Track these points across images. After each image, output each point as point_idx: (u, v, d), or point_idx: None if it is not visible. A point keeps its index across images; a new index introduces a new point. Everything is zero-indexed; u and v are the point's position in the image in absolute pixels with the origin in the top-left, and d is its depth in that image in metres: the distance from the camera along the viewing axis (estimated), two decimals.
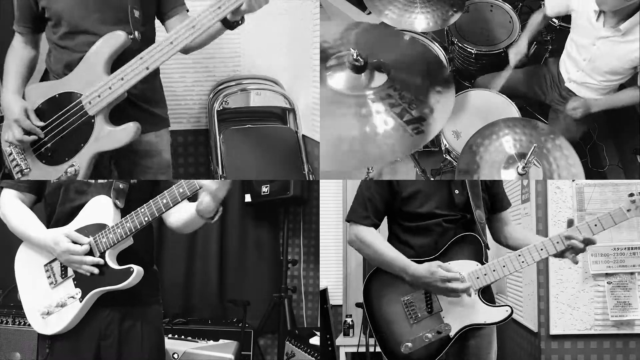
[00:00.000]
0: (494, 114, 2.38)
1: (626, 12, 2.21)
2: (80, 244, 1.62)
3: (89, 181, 1.76)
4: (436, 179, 2.87)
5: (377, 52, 2.05)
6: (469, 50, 2.88)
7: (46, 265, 1.70)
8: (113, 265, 1.63)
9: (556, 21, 2.97)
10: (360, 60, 1.91)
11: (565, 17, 2.85)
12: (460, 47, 2.92)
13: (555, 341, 2.46)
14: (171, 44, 1.73)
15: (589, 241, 1.66)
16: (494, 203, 1.91)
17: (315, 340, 2.90)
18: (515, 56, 2.63)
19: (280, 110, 2.94)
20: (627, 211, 1.66)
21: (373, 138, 1.79)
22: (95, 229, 1.64)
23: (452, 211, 1.75)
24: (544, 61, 2.94)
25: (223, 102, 2.83)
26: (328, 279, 3.80)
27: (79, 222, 1.68)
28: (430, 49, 2.44)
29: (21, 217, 1.72)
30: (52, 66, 1.96)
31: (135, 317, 1.72)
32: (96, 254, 1.63)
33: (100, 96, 1.77)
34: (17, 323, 2.76)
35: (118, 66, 1.79)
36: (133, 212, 1.62)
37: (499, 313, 1.69)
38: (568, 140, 2.14)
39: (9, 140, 1.89)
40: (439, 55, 2.68)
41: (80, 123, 1.82)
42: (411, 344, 1.68)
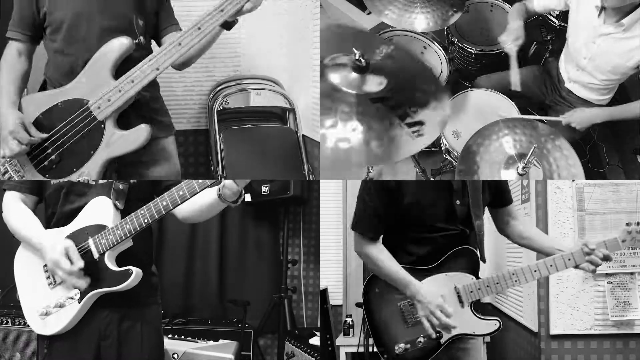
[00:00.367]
0: (494, 114, 2.38)
1: (627, 9, 2.21)
2: (72, 262, 1.59)
3: (89, 183, 1.75)
4: (437, 179, 2.87)
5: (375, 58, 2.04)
6: (469, 50, 2.88)
7: (45, 266, 1.69)
8: (112, 266, 1.63)
9: (556, 21, 2.97)
10: (362, 61, 1.91)
11: (564, 17, 2.85)
12: (460, 47, 2.92)
13: (555, 341, 2.46)
14: (179, 45, 1.73)
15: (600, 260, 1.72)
16: (500, 197, 1.91)
17: (315, 340, 2.91)
18: (515, 42, 2.46)
19: (280, 110, 2.94)
20: (622, 242, 1.71)
21: (376, 138, 1.79)
22: (94, 230, 1.64)
23: (452, 225, 1.77)
24: (544, 61, 2.94)
25: (223, 102, 2.83)
26: (328, 279, 3.80)
27: (79, 223, 1.68)
28: (424, 64, 2.41)
29: (21, 219, 1.72)
30: (52, 75, 1.92)
31: (134, 318, 1.72)
32: (95, 255, 1.63)
33: (110, 100, 1.75)
34: (17, 323, 2.76)
35: (120, 72, 1.78)
36: (133, 214, 1.62)
37: (488, 326, 1.77)
38: (568, 140, 2.14)
39: (7, 155, 1.76)
40: (433, 64, 2.68)
41: (88, 130, 1.77)
42: (404, 345, 1.76)
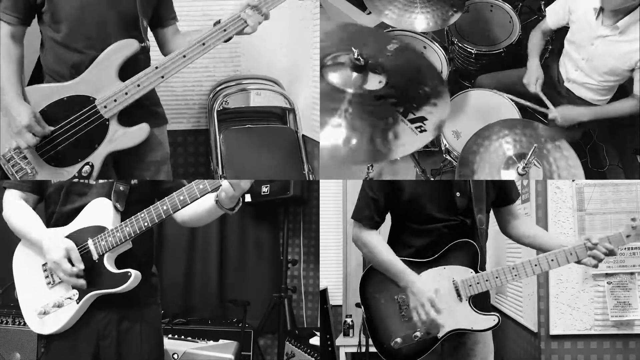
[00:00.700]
0: (494, 114, 2.38)
1: (625, 11, 2.21)
2: (73, 264, 1.60)
3: (90, 183, 1.76)
4: (437, 179, 2.87)
5: (376, 56, 2.05)
6: (469, 50, 2.88)
7: (44, 265, 1.69)
8: (111, 268, 1.63)
9: None
10: (360, 60, 1.91)
11: None
12: (460, 47, 2.92)
13: (555, 341, 2.46)
14: (184, 57, 1.90)
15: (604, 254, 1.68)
16: (503, 196, 1.90)
17: (315, 340, 2.91)
18: (538, 83, 2.50)
19: (280, 110, 2.94)
20: (627, 237, 1.68)
21: (381, 135, 1.79)
22: (94, 232, 1.64)
23: (453, 216, 1.76)
24: (544, 61, 2.94)
25: (223, 102, 2.83)
26: (328, 279, 3.80)
27: (79, 224, 1.68)
28: (425, 58, 2.42)
29: (22, 217, 1.72)
30: (52, 65, 1.93)
31: (133, 318, 1.72)
32: (94, 256, 1.63)
33: (116, 100, 1.86)
34: (17, 323, 2.76)
35: (123, 72, 1.87)
36: (133, 217, 1.62)
37: (487, 321, 1.73)
38: (568, 140, 2.14)
39: (22, 147, 1.84)
40: (434, 63, 2.68)
41: (94, 126, 1.88)
42: (401, 340, 1.73)
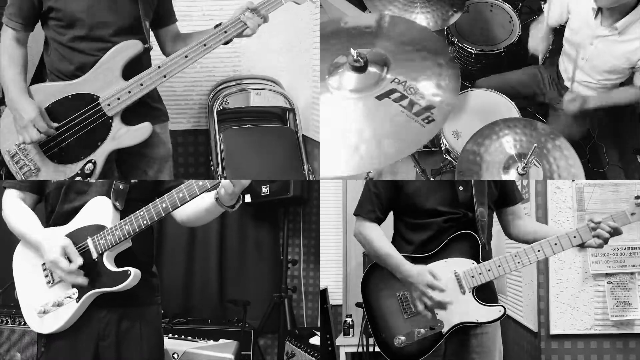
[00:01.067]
0: (494, 114, 2.38)
1: (623, 11, 2.21)
2: (71, 260, 1.60)
3: (90, 181, 1.77)
4: (437, 179, 2.87)
5: (375, 42, 2.04)
6: (469, 50, 2.88)
7: (44, 264, 1.69)
8: (111, 267, 1.62)
9: None
10: (360, 60, 1.90)
11: None
12: (460, 47, 2.92)
13: (555, 341, 2.46)
14: (185, 57, 1.94)
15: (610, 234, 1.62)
16: (505, 197, 1.89)
17: (315, 340, 2.91)
18: (543, 46, 2.56)
19: (280, 110, 2.94)
20: (631, 214, 1.61)
21: (388, 135, 1.79)
22: (93, 230, 1.64)
23: (455, 209, 1.75)
24: (544, 61, 2.94)
25: (223, 102, 2.83)
26: (328, 279, 3.80)
27: (78, 223, 1.67)
28: (428, 29, 2.41)
29: (20, 217, 1.72)
30: (57, 65, 1.96)
31: (133, 318, 1.72)
32: (94, 255, 1.63)
33: (120, 99, 1.91)
34: (17, 323, 2.76)
35: (126, 72, 1.91)
36: (132, 215, 1.62)
37: (492, 312, 1.69)
38: (568, 140, 2.14)
39: (26, 142, 1.88)
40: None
41: (97, 123, 1.92)
42: (404, 338, 1.70)
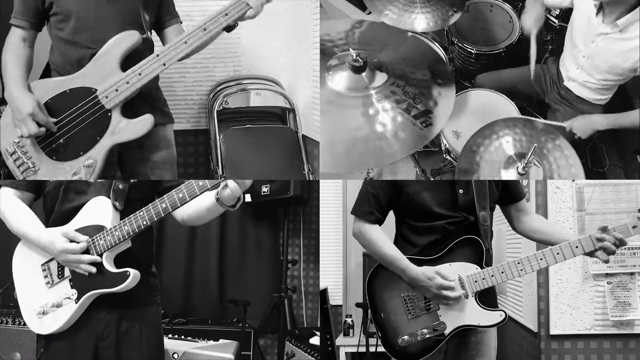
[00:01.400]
0: (494, 114, 2.38)
1: (625, 8, 2.21)
2: (77, 242, 1.61)
3: (89, 181, 1.76)
4: (436, 179, 2.87)
5: (378, 50, 2.06)
6: (469, 50, 2.88)
7: (43, 264, 1.69)
8: (110, 268, 1.62)
9: (556, 21, 2.96)
10: (359, 60, 1.91)
11: (564, 17, 2.84)
12: (460, 47, 2.92)
13: (555, 341, 2.46)
14: (185, 43, 1.86)
15: (615, 245, 1.64)
16: (509, 193, 1.90)
17: (315, 340, 2.91)
18: (535, 23, 2.41)
19: (280, 110, 2.94)
20: (633, 227, 1.63)
21: (384, 136, 1.80)
22: (93, 231, 1.64)
23: (455, 212, 1.76)
24: (544, 61, 2.94)
25: (223, 102, 2.83)
26: (328, 279, 3.80)
27: (77, 223, 1.67)
28: (430, 46, 2.45)
29: (19, 216, 1.72)
30: (58, 61, 1.96)
31: (133, 319, 1.72)
32: (93, 256, 1.63)
33: (118, 90, 1.85)
34: (17, 323, 2.76)
35: (125, 64, 1.87)
36: (132, 216, 1.62)
37: (493, 317, 1.72)
38: (568, 140, 2.14)
39: (24, 135, 1.85)
40: (439, 52, 2.69)
41: (96, 117, 1.87)
42: (407, 338, 1.73)
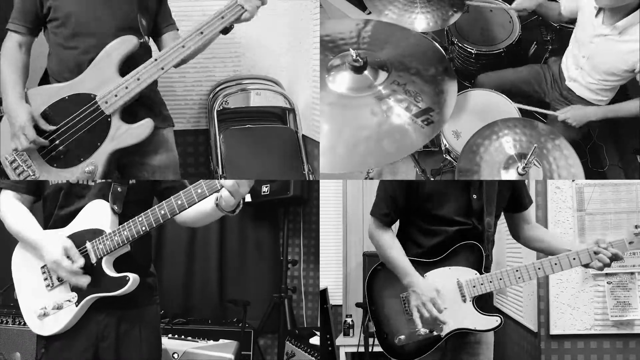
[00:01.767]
0: (494, 114, 2.38)
1: (624, 11, 2.21)
2: (73, 260, 1.60)
3: (89, 184, 1.75)
4: (436, 179, 2.87)
5: (379, 48, 2.06)
6: (469, 50, 2.88)
7: (43, 267, 1.69)
8: (109, 272, 1.63)
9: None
10: (359, 60, 1.91)
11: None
12: (460, 47, 2.92)
13: (555, 341, 2.46)
14: (183, 47, 1.87)
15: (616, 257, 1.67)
16: (515, 202, 1.90)
17: (315, 340, 2.91)
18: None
19: (280, 110, 2.94)
20: (629, 243, 1.67)
21: (387, 136, 1.80)
22: (92, 235, 1.64)
23: (467, 219, 1.77)
24: (545, 60, 2.94)
25: (223, 102, 2.83)
26: (328, 279, 3.80)
27: (76, 226, 1.67)
28: (431, 42, 2.45)
29: (18, 218, 1.72)
30: (56, 68, 1.95)
31: (132, 320, 1.72)
32: (93, 259, 1.63)
33: (117, 95, 1.85)
34: (18, 323, 2.76)
35: (123, 69, 1.88)
36: (131, 221, 1.62)
37: (490, 322, 1.75)
38: (568, 140, 2.14)
39: (18, 149, 1.85)
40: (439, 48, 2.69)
41: (95, 123, 1.87)
42: (404, 337, 1.74)
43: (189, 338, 2.88)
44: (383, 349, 1.80)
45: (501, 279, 1.73)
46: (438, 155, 2.84)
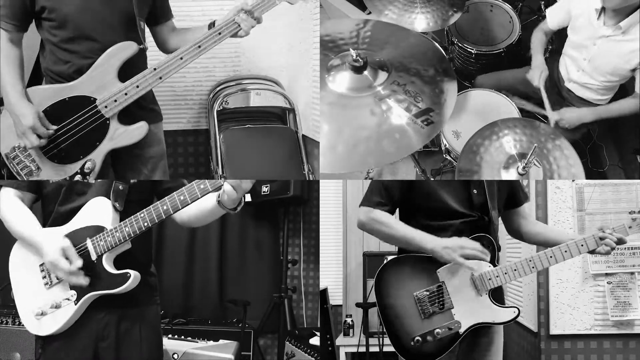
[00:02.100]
0: (494, 114, 2.38)
1: (626, 11, 2.21)
2: (70, 261, 1.59)
3: (89, 182, 1.76)
4: (436, 179, 2.87)
5: (379, 48, 2.06)
6: (469, 50, 2.88)
7: (41, 265, 1.68)
8: (110, 269, 1.62)
9: None
10: (359, 60, 1.91)
11: None
12: (460, 47, 2.92)
13: (555, 341, 2.46)
14: (181, 59, 1.96)
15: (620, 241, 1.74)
16: (512, 198, 1.91)
17: (315, 340, 2.91)
18: (541, 75, 2.47)
19: (280, 110, 2.94)
20: (629, 228, 1.74)
21: (387, 136, 1.80)
22: (93, 231, 1.63)
23: (471, 211, 1.76)
24: (544, 61, 2.94)
25: (223, 102, 2.83)
26: (328, 279, 3.80)
27: (77, 223, 1.67)
28: (431, 42, 2.46)
29: (17, 216, 1.71)
30: (52, 67, 1.95)
31: (132, 319, 1.72)
32: (93, 256, 1.62)
33: (117, 101, 1.93)
34: (17, 323, 2.76)
35: (122, 73, 1.93)
36: (132, 217, 1.61)
37: (507, 313, 1.73)
38: (568, 140, 2.14)
39: (27, 147, 1.91)
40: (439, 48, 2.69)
41: (95, 125, 1.95)
42: (421, 339, 1.70)
43: (189, 338, 2.88)
44: (398, 352, 1.73)
45: (515, 270, 1.72)
46: (438, 155, 2.84)
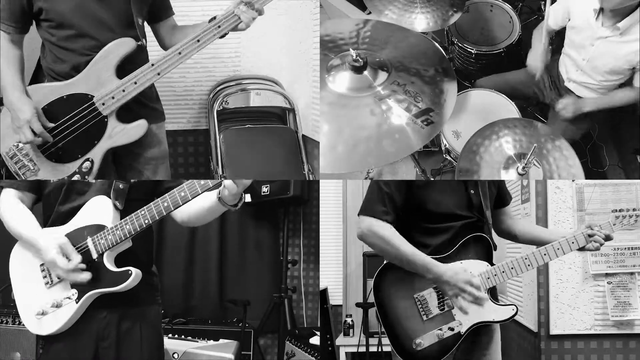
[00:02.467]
0: (494, 114, 2.38)
1: (624, 12, 2.21)
2: (69, 259, 1.59)
3: (90, 181, 1.76)
4: (447, 180, 2.87)
5: (379, 48, 2.06)
6: (469, 50, 2.88)
7: (42, 265, 1.68)
8: (111, 267, 1.61)
9: None
10: (359, 60, 1.91)
11: None
12: (460, 47, 2.92)
13: (555, 341, 2.46)
14: (179, 54, 1.92)
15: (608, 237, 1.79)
16: (500, 198, 1.93)
17: (315, 340, 2.91)
18: (541, 65, 2.50)
19: (280, 110, 2.94)
20: (613, 225, 1.80)
21: (387, 136, 1.80)
22: (93, 230, 1.63)
23: (470, 212, 1.76)
24: None
25: (223, 102, 2.83)
26: (328, 279, 3.80)
27: (77, 222, 1.67)
28: (431, 42, 2.46)
29: (17, 217, 1.71)
30: (52, 66, 1.96)
31: (133, 318, 1.71)
32: (94, 255, 1.62)
33: (114, 97, 1.91)
34: (17, 323, 2.76)
35: (120, 70, 1.91)
36: (133, 214, 1.61)
37: (506, 311, 1.74)
38: (568, 140, 2.14)
39: (22, 141, 1.89)
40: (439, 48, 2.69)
41: (93, 122, 1.93)
42: (423, 341, 1.70)
43: (189, 338, 2.88)
44: (399, 355, 1.72)
45: (512, 268, 1.74)
46: (438, 155, 2.85)
